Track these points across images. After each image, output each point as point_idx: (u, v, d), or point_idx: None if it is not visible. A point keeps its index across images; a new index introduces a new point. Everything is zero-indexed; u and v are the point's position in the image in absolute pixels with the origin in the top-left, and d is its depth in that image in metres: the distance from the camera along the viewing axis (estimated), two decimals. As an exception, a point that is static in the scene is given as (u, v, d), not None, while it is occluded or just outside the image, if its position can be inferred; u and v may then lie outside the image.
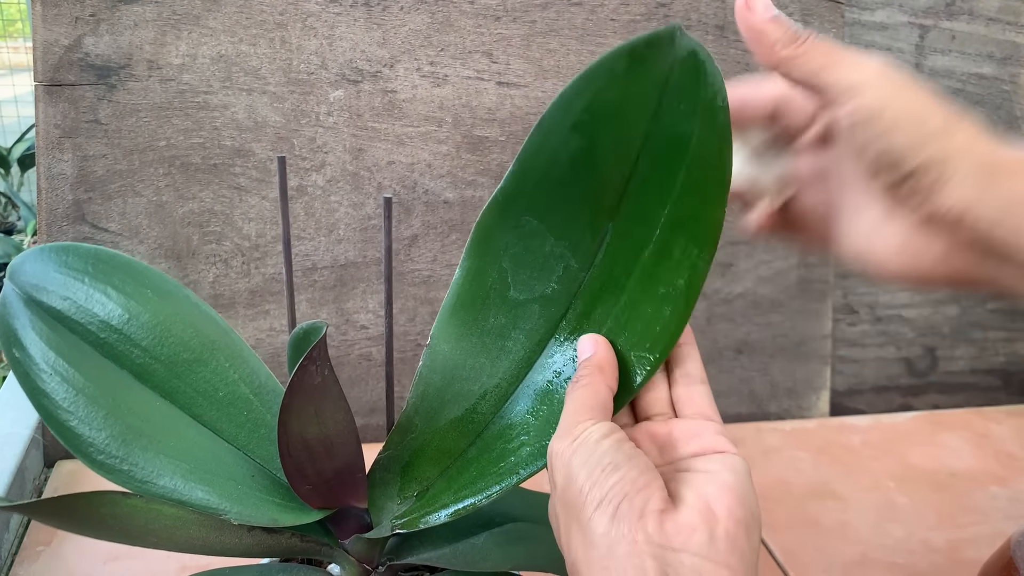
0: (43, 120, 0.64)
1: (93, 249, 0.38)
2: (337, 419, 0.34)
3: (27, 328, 0.35)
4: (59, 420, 0.34)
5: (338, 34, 0.68)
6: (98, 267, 0.38)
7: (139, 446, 0.34)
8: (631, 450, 0.31)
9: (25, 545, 0.58)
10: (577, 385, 0.34)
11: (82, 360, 0.36)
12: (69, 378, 0.35)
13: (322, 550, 0.38)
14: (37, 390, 0.34)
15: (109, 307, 0.37)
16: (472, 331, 0.38)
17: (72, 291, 0.37)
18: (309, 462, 0.35)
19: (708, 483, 0.31)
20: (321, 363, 0.32)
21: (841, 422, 0.82)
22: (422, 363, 0.39)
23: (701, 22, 0.74)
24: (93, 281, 0.37)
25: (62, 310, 0.37)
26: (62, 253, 0.38)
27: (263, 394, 0.39)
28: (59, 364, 0.35)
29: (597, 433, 0.31)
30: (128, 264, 0.39)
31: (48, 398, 0.34)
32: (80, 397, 0.34)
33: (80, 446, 0.33)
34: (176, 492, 0.34)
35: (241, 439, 0.38)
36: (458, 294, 0.38)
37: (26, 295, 0.36)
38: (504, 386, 0.38)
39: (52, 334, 0.35)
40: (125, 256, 0.39)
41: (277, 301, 0.70)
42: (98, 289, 0.37)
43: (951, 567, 0.61)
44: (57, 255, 0.37)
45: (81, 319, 0.37)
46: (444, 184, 0.72)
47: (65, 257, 0.38)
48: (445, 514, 0.35)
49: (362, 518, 0.38)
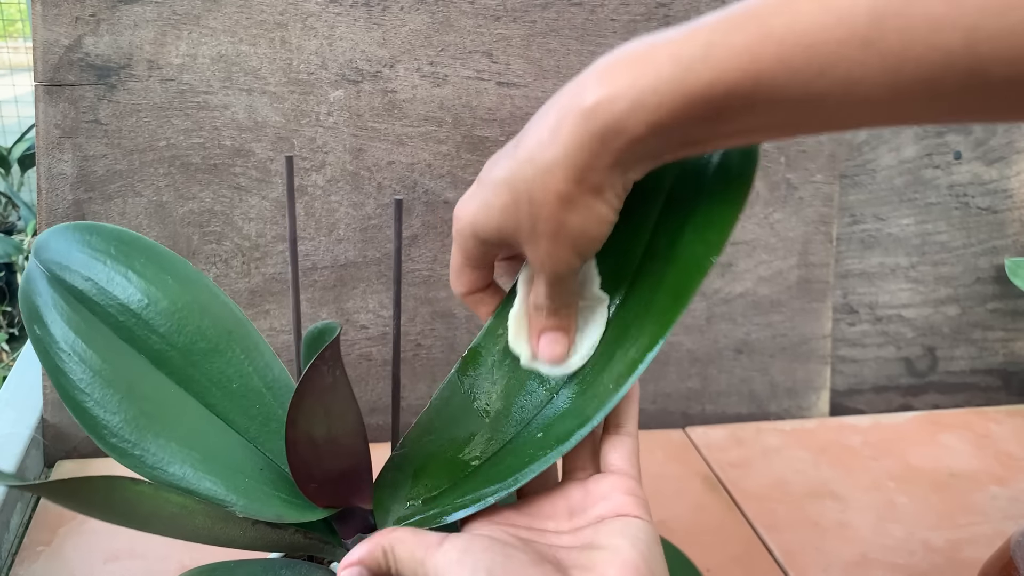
0: (43, 120, 0.64)
1: (116, 230, 0.38)
2: (346, 420, 0.34)
3: (49, 307, 0.35)
4: (76, 400, 0.34)
5: (338, 34, 0.68)
6: (120, 249, 0.38)
7: (152, 432, 0.34)
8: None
9: (25, 545, 0.58)
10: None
11: (101, 342, 0.35)
12: (87, 359, 0.34)
13: (325, 548, 0.38)
14: (56, 369, 0.34)
15: (129, 291, 0.37)
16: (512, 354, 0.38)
17: (94, 272, 0.37)
18: (316, 461, 0.35)
19: (609, 564, 0.31)
20: (333, 363, 0.32)
21: (841, 422, 0.82)
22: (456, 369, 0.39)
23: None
24: (115, 263, 0.37)
25: (84, 290, 0.36)
26: (86, 232, 0.37)
27: (275, 388, 0.39)
28: (78, 344, 0.35)
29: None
30: (150, 248, 0.39)
31: (66, 377, 0.34)
32: (97, 379, 0.34)
33: (95, 428, 0.33)
34: (185, 480, 0.34)
35: (252, 432, 0.38)
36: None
37: (50, 273, 0.36)
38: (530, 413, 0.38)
39: (73, 314, 0.35)
40: (147, 239, 0.39)
41: (277, 301, 0.70)
42: (119, 272, 0.37)
43: (951, 567, 0.61)
44: (81, 234, 0.37)
45: (101, 301, 0.37)
46: (444, 184, 0.72)
47: (88, 236, 0.37)
48: (449, 520, 0.35)
49: (367, 519, 0.38)
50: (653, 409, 0.79)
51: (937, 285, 0.87)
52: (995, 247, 0.87)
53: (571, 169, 0.31)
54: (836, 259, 0.83)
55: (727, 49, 0.28)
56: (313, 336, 0.34)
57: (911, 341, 0.87)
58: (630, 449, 0.36)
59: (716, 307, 0.79)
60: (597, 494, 0.35)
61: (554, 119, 0.31)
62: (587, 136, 0.30)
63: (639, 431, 0.38)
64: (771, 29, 0.27)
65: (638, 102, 0.29)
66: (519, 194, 0.32)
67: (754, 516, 0.66)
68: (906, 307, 0.86)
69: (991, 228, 0.87)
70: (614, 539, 0.32)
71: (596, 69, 0.31)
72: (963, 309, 0.88)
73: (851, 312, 0.85)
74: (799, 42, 0.27)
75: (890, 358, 0.86)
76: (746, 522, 0.65)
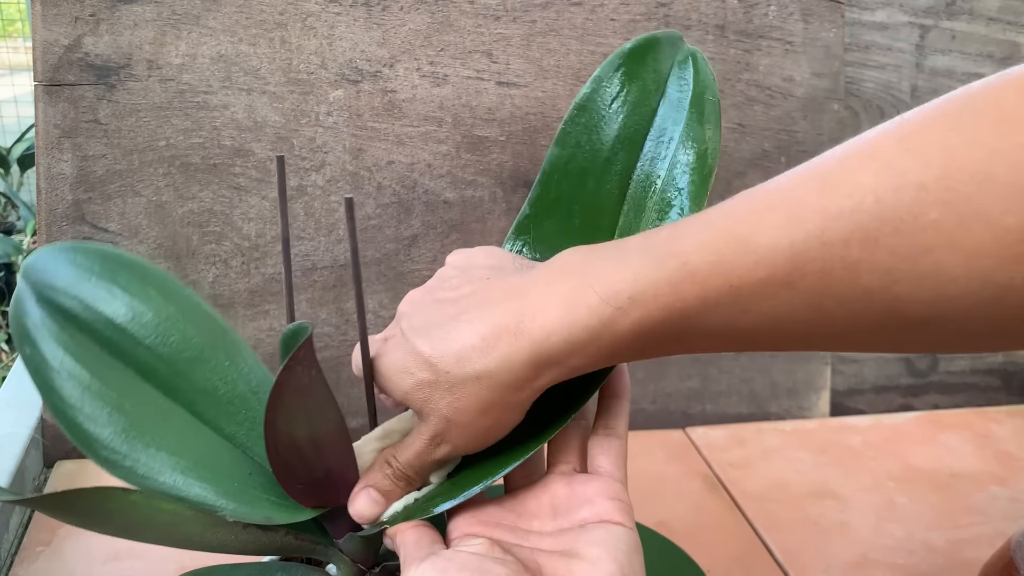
0: (43, 120, 0.64)
1: (100, 248, 0.39)
2: (326, 419, 0.35)
3: (39, 327, 0.36)
4: (67, 416, 0.35)
5: (338, 34, 0.68)
6: (104, 265, 0.38)
7: (141, 443, 0.35)
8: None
9: (25, 545, 0.58)
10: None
11: (89, 358, 0.36)
12: (76, 375, 0.35)
13: (316, 548, 0.38)
14: (47, 387, 0.35)
15: (114, 305, 0.38)
16: None
17: (80, 290, 0.38)
18: (299, 462, 0.35)
19: (587, 575, 0.31)
20: (308, 363, 0.32)
21: (841, 422, 0.82)
22: None
23: (701, 22, 0.74)
24: (99, 280, 0.38)
25: (70, 308, 0.37)
26: (71, 252, 0.38)
27: (261, 393, 0.40)
28: (67, 361, 0.35)
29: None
30: (133, 263, 0.39)
31: (57, 395, 0.35)
32: (87, 394, 0.35)
33: (86, 441, 0.34)
34: (175, 488, 0.34)
35: (240, 437, 0.39)
36: None
37: (38, 293, 0.37)
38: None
39: (61, 332, 0.36)
40: (130, 255, 0.40)
41: (277, 301, 0.70)
42: (104, 288, 0.38)
43: (951, 567, 0.61)
44: (67, 254, 0.38)
45: (88, 317, 0.37)
46: (444, 184, 0.72)
47: (74, 255, 0.38)
48: (437, 511, 0.36)
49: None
50: (653, 409, 0.79)
51: (937, 285, 0.86)
52: (995, 247, 0.87)
53: (498, 384, 0.32)
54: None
55: (654, 287, 0.29)
56: (287, 337, 0.34)
57: (911, 341, 0.87)
58: (618, 452, 0.36)
59: (716, 307, 0.79)
60: (582, 496, 0.35)
61: (489, 330, 0.32)
62: (520, 360, 0.32)
63: (638, 431, 0.38)
64: (695, 269, 0.29)
65: (571, 340, 0.31)
66: (439, 379, 0.33)
67: (754, 516, 0.66)
68: (906, 307, 0.86)
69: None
70: (594, 549, 0.32)
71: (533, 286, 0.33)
72: (963, 309, 0.87)
73: (851, 312, 0.85)
74: (723, 283, 0.28)
75: (890, 358, 0.86)
76: (746, 522, 0.65)
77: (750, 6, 0.75)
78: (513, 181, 0.73)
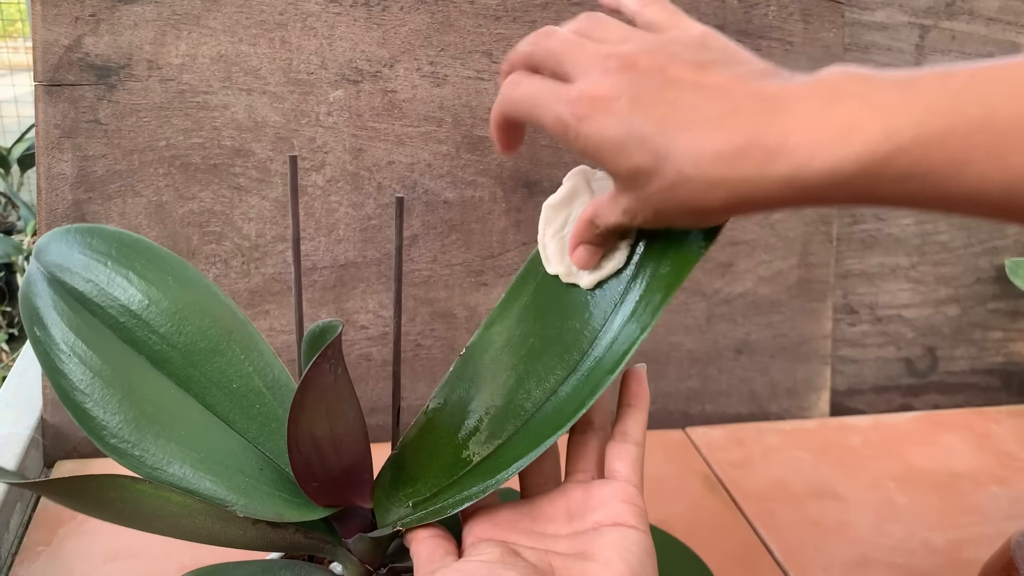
0: (43, 120, 0.64)
1: (117, 232, 0.38)
2: (348, 418, 0.34)
3: (49, 308, 0.35)
4: (75, 401, 0.34)
5: (338, 34, 0.68)
6: (121, 251, 0.38)
7: (151, 432, 0.34)
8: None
9: (25, 545, 0.58)
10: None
11: (101, 343, 0.36)
12: (87, 360, 0.35)
13: (325, 548, 0.38)
14: (55, 370, 0.34)
15: (130, 292, 0.37)
16: (510, 351, 0.38)
17: (95, 274, 0.37)
18: (317, 459, 0.35)
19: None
20: (335, 362, 0.32)
21: (841, 422, 0.82)
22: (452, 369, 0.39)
23: (701, 22, 0.74)
24: (116, 265, 0.37)
25: (84, 292, 0.37)
26: (87, 235, 0.38)
27: (276, 388, 0.39)
28: (78, 346, 0.35)
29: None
30: (150, 249, 0.39)
31: (65, 378, 0.34)
32: (96, 380, 0.34)
33: (94, 428, 0.34)
34: (185, 480, 0.34)
35: (252, 432, 0.38)
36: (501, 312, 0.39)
37: (50, 275, 0.36)
38: (539, 400, 0.38)
39: (73, 315, 0.36)
40: (148, 241, 0.39)
41: (277, 301, 0.70)
42: (120, 273, 0.37)
43: (951, 567, 0.61)
44: (82, 236, 0.38)
45: (102, 302, 0.37)
46: (444, 184, 0.72)
47: (89, 239, 0.38)
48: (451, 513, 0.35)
49: (367, 518, 0.38)
50: (653, 409, 0.79)
51: (937, 285, 0.87)
52: (995, 247, 0.87)
53: (729, 196, 0.30)
54: (836, 259, 0.83)
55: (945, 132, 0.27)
56: (315, 335, 0.34)
57: (911, 341, 0.87)
58: (635, 457, 0.36)
59: (716, 307, 0.79)
60: (597, 499, 0.35)
61: (744, 140, 0.29)
62: (770, 180, 0.29)
63: (639, 431, 0.38)
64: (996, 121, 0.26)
65: (835, 171, 0.28)
66: (665, 174, 0.31)
67: (754, 516, 0.66)
68: (906, 307, 0.86)
69: (991, 228, 0.87)
70: (606, 551, 0.32)
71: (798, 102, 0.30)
72: (963, 309, 0.88)
73: (851, 312, 0.85)
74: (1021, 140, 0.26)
75: (890, 358, 0.86)
76: (746, 522, 0.65)
77: (750, 6, 0.75)
78: (513, 181, 0.73)
